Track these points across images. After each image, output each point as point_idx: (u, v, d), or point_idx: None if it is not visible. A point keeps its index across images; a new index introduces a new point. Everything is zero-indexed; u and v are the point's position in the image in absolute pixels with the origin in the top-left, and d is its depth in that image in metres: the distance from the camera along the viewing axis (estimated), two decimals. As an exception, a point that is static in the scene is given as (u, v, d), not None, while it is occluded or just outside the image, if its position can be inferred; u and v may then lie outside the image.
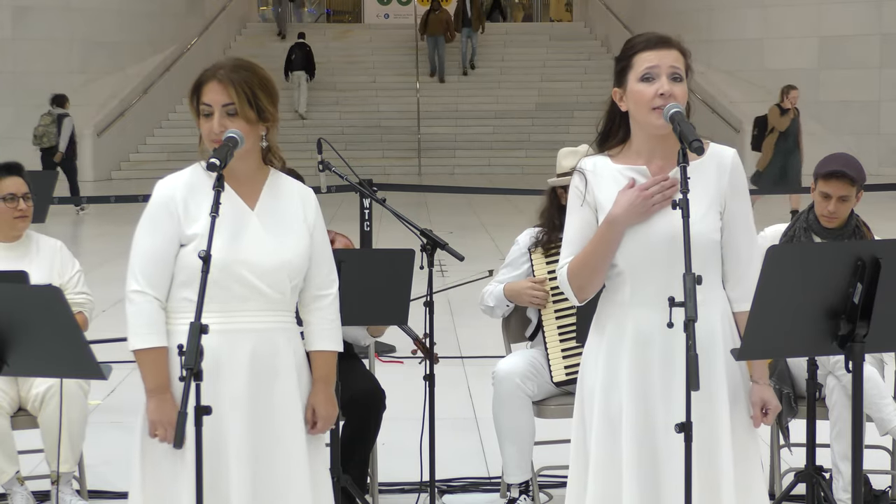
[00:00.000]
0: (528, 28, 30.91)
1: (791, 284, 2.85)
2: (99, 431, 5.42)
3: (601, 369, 3.15)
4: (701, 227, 3.04)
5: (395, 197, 7.24)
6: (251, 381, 3.18)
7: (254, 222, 3.23)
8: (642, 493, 3.07)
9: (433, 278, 4.38)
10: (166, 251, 3.19)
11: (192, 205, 3.20)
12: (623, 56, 3.14)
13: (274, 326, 3.24)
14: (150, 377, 3.19)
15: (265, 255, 3.20)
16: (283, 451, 3.23)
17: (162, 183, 3.28)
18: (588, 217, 3.16)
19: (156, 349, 3.18)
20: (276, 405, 3.23)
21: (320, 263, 3.34)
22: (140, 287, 3.18)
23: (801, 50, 23.06)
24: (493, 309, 4.86)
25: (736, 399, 3.14)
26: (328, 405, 3.34)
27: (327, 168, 4.97)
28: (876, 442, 4.74)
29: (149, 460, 3.22)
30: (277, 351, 3.24)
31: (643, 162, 3.13)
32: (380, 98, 25.35)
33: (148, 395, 3.20)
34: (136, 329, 3.19)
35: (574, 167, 3.24)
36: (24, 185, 4.90)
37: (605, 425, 3.14)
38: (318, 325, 3.36)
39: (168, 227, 3.19)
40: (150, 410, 3.18)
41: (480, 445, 5.75)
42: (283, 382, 3.25)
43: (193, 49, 24.60)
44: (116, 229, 13.12)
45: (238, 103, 3.18)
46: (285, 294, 3.26)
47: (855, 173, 4.60)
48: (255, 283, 3.18)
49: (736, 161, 3.15)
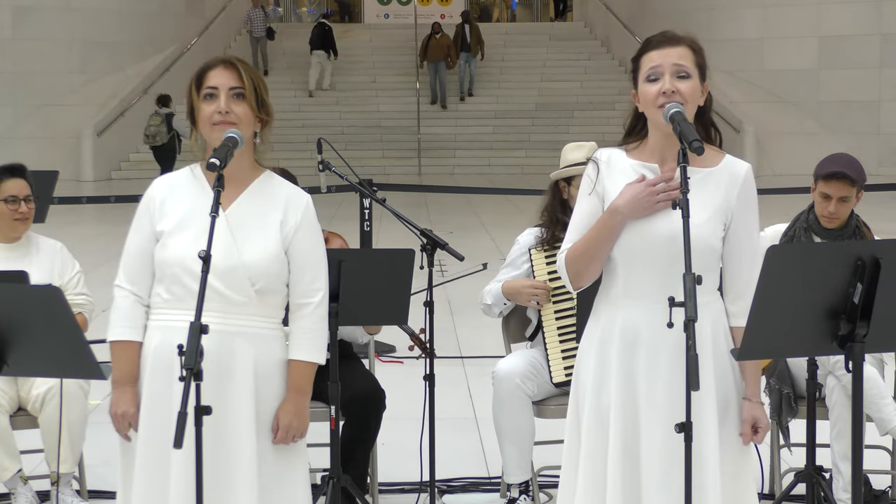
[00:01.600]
0: (528, 28, 30.90)
1: (791, 284, 2.84)
2: (99, 431, 5.40)
3: (593, 364, 3.19)
4: (701, 230, 3.04)
5: (395, 197, 7.24)
6: (210, 383, 3.10)
7: (221, 223, 3.19)
8: (624, 489, 3.09)
9: (433, 278, 4.38)
10: (145, 249, 3.27)
11: (168, 203, 3.27)
12: (634, 59, 3.18)
13: (232, 329, 3.21)
14: (115, 368, 3.29)
15: (222, 256, 3.18)
16: (227, 453, 3.19)
17: (153, 182, 3.38)
18: (596, 206, 3.18)
19: (125, 342, 3.27)
20: (226, 407, 3.19)
21: (303, 270, 3.31)
22: (119, 282, 3.31)
23: (801, 50, 23.06)
24: (490, 307, 4.86)
25: (727, 409, 3.13)
26: (293, 416, 3.28)
27: (327, 168, 4.97)
28: (876, 442, 4.74)
29: (127, 459, 3.29)
30: (232, 353, 3.21)
31: (656, 160, 3.16)
32: (380, 98, 25.34)
33: (112, 385, 3.29)
34: (112, 322, 3.30)
35: (579, 160, 3.27)
36: (26, 187, 4.89)
37: (594, 420, 3.16)
38: (296, 333, 3.33)
39: (146, 224, 3.28)
40: (110, 402, 3.28)
41: (480, 445, 5.75)
42: (235, 385, 3.21)
43: (193, 49, 24.59)
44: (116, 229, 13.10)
45: (246, 87, 3.22)
46: (250, 297, 3.22)
47: (855, 174, 4.60)
48: (212, 283, 3.14)
49: (749, 176, 3.15)
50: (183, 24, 25.09)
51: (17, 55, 22.30)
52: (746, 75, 23.63)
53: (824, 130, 20.57)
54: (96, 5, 23.23)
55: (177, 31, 24.77)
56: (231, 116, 3.20)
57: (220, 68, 3.24)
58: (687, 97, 3.06)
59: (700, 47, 3.15)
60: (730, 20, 23.83)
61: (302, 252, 3.30)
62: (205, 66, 3.27)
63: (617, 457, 3.09)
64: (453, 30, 25.76)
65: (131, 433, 3.27)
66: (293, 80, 25.41)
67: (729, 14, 23.86)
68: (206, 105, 3.22)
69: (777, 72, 23.22)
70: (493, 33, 28.24)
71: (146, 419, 3.23)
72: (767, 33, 23.48)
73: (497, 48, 27.34)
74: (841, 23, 22.69)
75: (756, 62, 23.57)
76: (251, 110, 3.22)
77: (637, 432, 3.10)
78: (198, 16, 25.92)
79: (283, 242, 3.27)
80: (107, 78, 23.00)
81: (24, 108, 22.25)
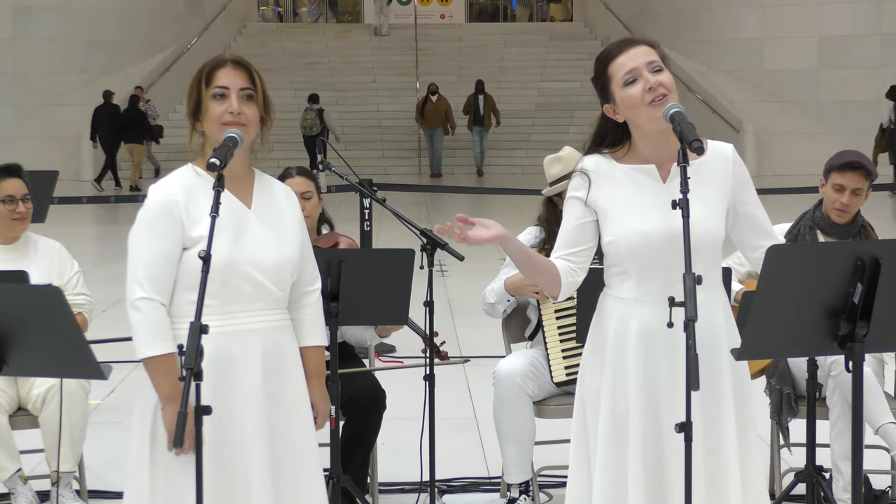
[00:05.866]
0: (528, 28, 30.90)
1: (791, 284, 2.84)
2: (99, 431, 5.42)
3: (607, 369, 3.14)
4: (705, 226, 3.04)
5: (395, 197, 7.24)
6: (265, 381, 3.18)
7: (253, 220, 3.23)
8: (648, 494, 3.06)
9: (433, 278, 4.38)
10: (170, 256, 3.15)
11: (192, 207, 3.17)
12: (599, 73, 3.16)
13: (279, 325, 3.26)
14: (165, 384, 3.13)
15: (268, 253, 3.21)
16: (299, 449, 3.25)
17: (157, 187, 3.23)
18: (585, 216, 3.16)
19: (166, 356, 3.12)
20: (290, 405, 3.24)
21: (307, 260, 3.37)
22: (146, 294, 3.12)
23: (801, 50, 23.07)
24: (494, 305, 4.85)
25: (741, 398, 3.15)
26: (325, 400, 3.40)
27: (327, 168, 4.97)
28: (876, 442, 4.73)
29: (160, 465, 3.15)
30: (284, 349, 3.26)
31: (651, 162, 3.14)
32: (380, 98, 25.35)
33: (163, 402, 3.14)
34: (145, 336, 3.13)
35: (562, 174, 3.25)
36: (23, 186, 4.88)
37: (610, 426, 3.12)
38: (309, 320, 3.36)
39: (172, 231, 3.15)
40: (167, 420, 3.12)
41: (480, 445, 5.75)
42: (293, 381, 3.27)
43: (193, 49, 24.60)
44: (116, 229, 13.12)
45: (256, 89, 3.22)
46: (287, 291, 3.27)
47: (870, 166, 4.64)
48: (262, 282, 3.18)
49: (735, 155, 3.19)
50: (183, 24, 25.10)
51: (17, 55, 22.32)
52: (746, 75, 23.64)
53: (824, 130, 20.58)
54: (96, 5, 23.25)
55: (177, 31, 24.78)
56: (242, 118, 3.19)
57: (230, 68, 3.22)
58: (669, 88, 3.06)
59: (657, 42, 3.18)
60: (730, 20, 23.84)
61: (304, 242, 3.36)
62: (214, 64, 3.25)
63: (638, 463, 3.06)
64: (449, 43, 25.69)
65: (161, 435, 3.16)
66: (293, 79, 25.41)
67: (729, 14, 23.87)
68: (215, 104, 3.20)
69: (777, 72, 23.22)
70: (494, 33, 28.23)
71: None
72: (767, 33, 23.49)
73: (497, 48, 27.35)
74: (841, 23, 22.70)
75: (756, 62, 23.58)
76: (258, 109, 3.24)
77: (659, 436, 3.07)
78: (198, 16, 25.93)
79: (301, 234, 3.34)
80: (107, 78, 23.00)
81: (24, 108, 22.26)
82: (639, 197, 3.10)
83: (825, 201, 4.70)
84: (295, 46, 27.31)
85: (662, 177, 3.12)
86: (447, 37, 28.66)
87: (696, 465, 2.92)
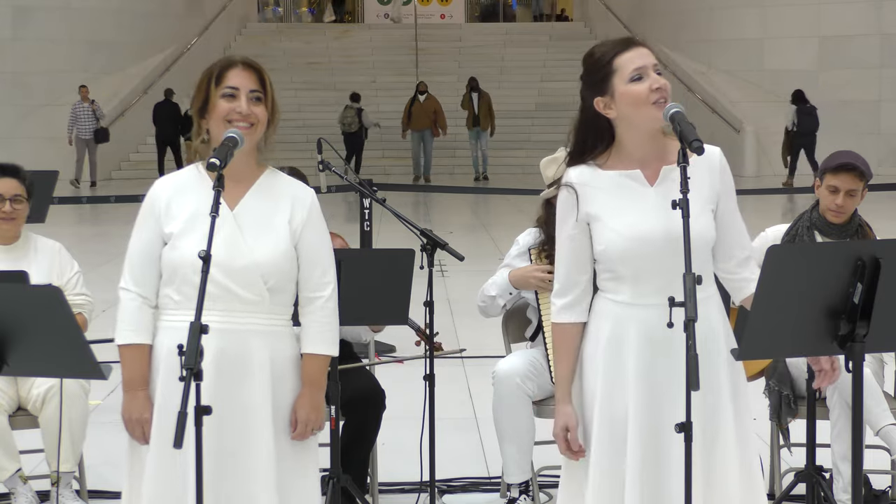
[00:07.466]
0: (528, 28, 30.91)
1: (791, 284, 2.85)
2: (99, 431, 5.42)
3: (601, 373, 3.13)
4: (698, 226, 3.04)
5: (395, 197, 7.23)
6: (216, 380, 3.15)
7: (229, 223, 3.21)
8: (645, 495, 3.06)
9: (433, 278, 4.38)
10: (150, 250, 3.25)
11: (174, 204, 3.25)
12: (600, 64, 3.14)
13: (245, 328, 3.22)
14: (125, 372, 3.26)
15: (235, 256, 3.19)
16: (246, 451, 3.20)
17: (155, 182, 3.35)
18: (579, 236, 3.15)
19: (134, 345, 3.23)
20: (244, 406, 3.21)
21: (313, 265, 3.32)
22: (125, 284, 3.27)
23: (801, 50, 23.06)
24: (494, 299, 4.78)
25: (736, 395, 3.15)
26: (310, 409, 3.30)
27: (327, 168, 4.97)
28: (876, 442, 4.73)
29: (136, 460, 3.26)
30: (248, 352, 3.22)
31: (636, 165, 3.12)
32: (380, 98, 25.34)
33: (123, 390, 3.26)
34: (120, 325, 3.26)
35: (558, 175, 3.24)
36: (17, 187, 4.83)
37: (605, 430, 3.11)
38: (310, 327, 3.34)
39: (152, 225, 3.25)
40: (122, 407, 3.25)
41: (480, 445, 5.75)
42: (252, 384, 3.22)
43: (193, 49, 24.60)
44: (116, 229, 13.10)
45: (265, 91, 3.25)
46: (263, 295, 3.23)
47: (864, 167, 4.63)
48: (224, 283, 3.17)
49: (723, 160, 3.18)
50: (183, 24, 25.10)
51: (17, 55, 22.32)
52: (746, 75, 23.64)
53: (824, 130, 20.57)
54: (96, 5, 23.25)
55: (177, 31, 24.77)
56: (252, 118, 3.21)
57: (240, 68, 3.23)
58: (669, 92, 3.07)
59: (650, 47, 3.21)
60: (730, 20, 23.84)
61: (311, 247, 3.31)
62: (224, 64, 3.26)
63: (636, 466, 3.05)
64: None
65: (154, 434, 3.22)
66: (293, 79, 25.41)
67: (729, 14, 23.87)
68: (224, 102, 3.22)
69: (777, 72, 23.21)
70: (494, 33, 28.22)
71: (158, 421, 3.20)
72: (767, 33, 23.49)
73: (497, 48, 27.35)
74: (841, 23, 22.70)
75: (756, 62, 23.58)
76: (266, 111, 3.25)
77: (658, 438, 3.06)
78: (198, 16, 25.93)
79: (292, 239, 3.28)
80: (107, 78, 23.01)
81: (24, 108, 22.26)
82: (627, 203, 3.09)
83: (821, 202, 4.70)
84: (295, 46, 27.30)
85: (649, 179, 3.11)
86: (447, 37, 28.67)
87: (694, 465, 2.93)
